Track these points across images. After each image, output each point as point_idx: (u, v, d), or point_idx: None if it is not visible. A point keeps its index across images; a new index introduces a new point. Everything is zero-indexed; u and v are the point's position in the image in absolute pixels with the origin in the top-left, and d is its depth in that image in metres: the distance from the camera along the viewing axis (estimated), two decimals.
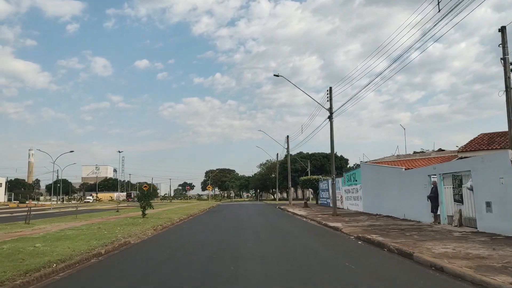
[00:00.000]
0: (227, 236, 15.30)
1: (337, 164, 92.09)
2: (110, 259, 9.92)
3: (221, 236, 15.40)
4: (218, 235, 15.61)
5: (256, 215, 29.19)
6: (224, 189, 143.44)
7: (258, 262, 9.01)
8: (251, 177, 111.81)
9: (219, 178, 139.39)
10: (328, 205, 35.42)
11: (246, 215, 29.14)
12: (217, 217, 28.28)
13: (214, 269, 8.36)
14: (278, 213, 31.83)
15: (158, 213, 30.23)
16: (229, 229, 18.39)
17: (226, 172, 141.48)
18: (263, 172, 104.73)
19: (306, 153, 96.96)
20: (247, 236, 14.86)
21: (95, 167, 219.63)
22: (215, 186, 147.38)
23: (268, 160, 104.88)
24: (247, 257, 9.85)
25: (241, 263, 8.84)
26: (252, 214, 30.35)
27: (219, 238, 14.46)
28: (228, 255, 10.18)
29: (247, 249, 11.38)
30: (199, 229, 19.02)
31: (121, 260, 9.93)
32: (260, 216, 28.28)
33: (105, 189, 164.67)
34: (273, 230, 17.79)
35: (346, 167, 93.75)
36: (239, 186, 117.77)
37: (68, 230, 16.24)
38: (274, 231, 17.33)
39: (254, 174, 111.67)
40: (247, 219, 24.82)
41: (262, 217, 27.75)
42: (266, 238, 14.46)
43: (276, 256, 9.96)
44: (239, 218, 26.08)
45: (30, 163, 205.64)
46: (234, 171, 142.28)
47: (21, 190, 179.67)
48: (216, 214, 30.66)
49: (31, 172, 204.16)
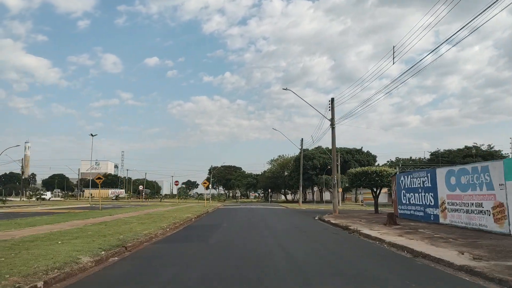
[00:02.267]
0: None
1: (364, 161, 79.07)
2: None
3: None
4: None
5: (305, 251, 10.83)
6: (229, 188, 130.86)
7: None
8: (260, 175, 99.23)
9: (224, 175, 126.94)
10: (429, 219, 18.91)
11: (276, 247, 11.44)
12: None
13: None
14: (351, 242, 13.08)
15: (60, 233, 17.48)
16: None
17: (232, 170, 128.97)
18: (274, 169, 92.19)
19: (326, 148, 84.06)
20: None
21: (94, 162, 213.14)
22: (220, 184, 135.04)
23: (281, 156, 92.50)
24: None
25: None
26: (290, 243, 12.54)
27: None
28: None
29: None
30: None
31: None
32: (321, 258, 9.73)
33: (104, 185, 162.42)
34: None
35: (374, 165, 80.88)
36: (246, 185, 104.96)
37: None
38: None
39: (263, 171, 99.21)
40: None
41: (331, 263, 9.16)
42: None
43: None
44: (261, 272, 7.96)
45: (26, 156, 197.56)
46: (240, 168, 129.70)
47: (16, 184, 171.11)
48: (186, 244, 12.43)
49: (27, 165, 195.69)
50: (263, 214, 27.00)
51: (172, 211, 26.58)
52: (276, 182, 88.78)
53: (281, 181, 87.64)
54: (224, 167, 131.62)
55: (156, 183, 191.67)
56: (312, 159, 78.84)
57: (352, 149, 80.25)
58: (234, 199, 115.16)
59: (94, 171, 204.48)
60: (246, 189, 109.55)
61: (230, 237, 14.08)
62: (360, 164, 77.18)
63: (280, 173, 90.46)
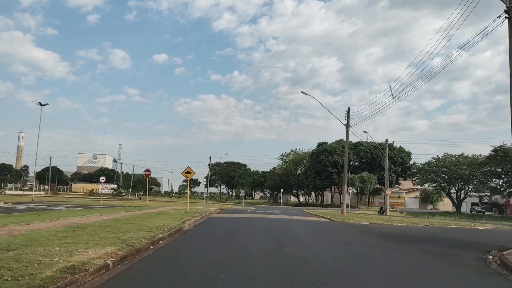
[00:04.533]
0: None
1: (397, 158, 65.72)
2: None
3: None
4: None
5: None
6: (232, 187, 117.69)
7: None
8: (269, 172, 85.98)
9: (227, 172, 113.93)
10: None
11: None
12: None
13: None
14: None
15: None
16: None
17: (236, 166, 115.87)
18: (285, 166, 79.10)
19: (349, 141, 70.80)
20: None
21: (92, 156, 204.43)
22: (222, 182, 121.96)
23: (294, 150, 79.30)
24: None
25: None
26: None
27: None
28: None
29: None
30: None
31: None
32: None
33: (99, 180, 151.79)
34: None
35: (409, 163, 67.56)
36: (251, 183, 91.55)
37: None
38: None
39: (273, 168, 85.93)
40: None
41: None
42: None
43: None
44: None
45: (19, 147, 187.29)
46: (245, 165, 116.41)
47: (7, 176, 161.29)
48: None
49: (20, 157, 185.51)
50: (321, 247, 11.17)
51: (155, 216, 15.04)
52: (288, 181, 75.75)
53: (294, 180, 74.54)
54: (227, 164, 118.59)
55: (155, 179, 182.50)
56: (333, 155, 65.73)
57: (382, 144, 66.82)
58: (238, 199, 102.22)
59: (91, 165, 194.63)
60: (251, 188, 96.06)
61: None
62: (392, 162, 63.81)
63: (292, 170, 77.35)
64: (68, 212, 18.71)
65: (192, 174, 22.02)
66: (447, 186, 53.37)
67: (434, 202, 74.69)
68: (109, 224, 12.12)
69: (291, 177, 75.61)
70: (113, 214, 17.10)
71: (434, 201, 74.35)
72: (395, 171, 63.37)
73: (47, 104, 47.30)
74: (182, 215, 18.79)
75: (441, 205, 76.88)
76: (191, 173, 21.89)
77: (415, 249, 11.14)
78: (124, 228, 11.08)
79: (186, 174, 21.82)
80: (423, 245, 12.21)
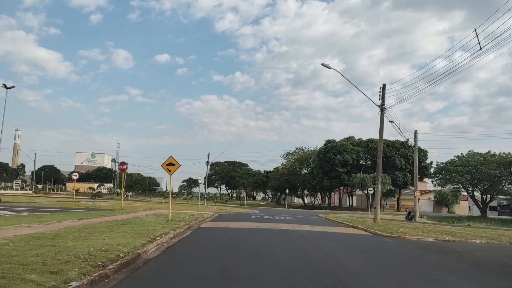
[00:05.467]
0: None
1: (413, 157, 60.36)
2: None
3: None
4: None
5: None
6: (233, 187, 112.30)
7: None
8: (272, 171, 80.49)
9: (227, 172, 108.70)
10: None
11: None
12: None
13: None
14: None
15: None
16: None
17: (237, 166, 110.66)
18: (290, 165, 73.82)
19: (359, 139, 65.54)
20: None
21: (90, 155, 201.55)
22: (222, 182, 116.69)
23: (299, 149, 73.98)
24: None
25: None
26: None
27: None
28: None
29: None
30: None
31: None
32: None
33: (98, 179, 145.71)
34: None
35: (425, 162, 62.13)
36: (253, 184, 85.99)
37: None
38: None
39: (276, 167, 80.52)
40: None
41: None
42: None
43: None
44: None
45: (16, 146, 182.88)
46: (246, 165, 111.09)
47: (3, 175, 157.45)
48: None
49: (17, 155, 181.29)
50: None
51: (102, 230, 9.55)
52: (292, 182, 70.47)
53: (299, 180, 69.27)
54: (228, 163, 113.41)
55: (155, 179, 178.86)
56: (342, 153, 60.42)
57: (395, 142, 61.70)
58: (239, 200, 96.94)
59: (90, 164, 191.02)
60: (253, 188, 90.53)
61: None
62: (407, 161, 58.49)
63: (297, 170, 72.09)
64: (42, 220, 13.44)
65: (177, 166, 16.53)
66: (470, 187, 47.91)
67: (450, 205, 69.22)
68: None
69: (296, 177, 70.29)
70: (50, 225, 11.80)
71: (449, 204, 68.88)
72: (410, 171, 58.02)
73: (13, 87, 42.41)
74: (159, 225, 13.50)
75: (457, 208, 71.44)
76: (175, 166, 16.39)
77: None
78: (13, 263, 5.85)
79: (168, 167, 16.33)
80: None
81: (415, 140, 36.91)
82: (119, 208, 27.29)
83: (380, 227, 18.59)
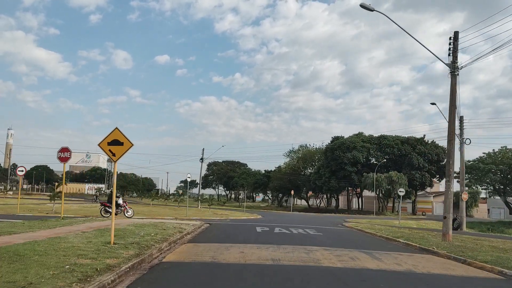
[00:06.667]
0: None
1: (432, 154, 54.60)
2: None
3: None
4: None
5: None
6: (231, 188, 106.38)
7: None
8: (274, 171, 74.58)
9: (225, 172, 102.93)
10: None
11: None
12: None
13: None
14: None
15: None
16: None
17: (236, 166, 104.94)
18: (293, 164, 68.07)
19: (369, 135, 59.75)
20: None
21: (85, 155, 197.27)
22: (220, 183, 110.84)
23: (303, 146, 68.14)
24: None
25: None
26: None
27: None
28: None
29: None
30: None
31: None
32: None
33: (92, 180, 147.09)
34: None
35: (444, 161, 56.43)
36: (253, 184, 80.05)
37: None
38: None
39: (278, 167, 74.63)
40: None
41: None
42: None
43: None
44: None
45: (8, 145, 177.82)
46: (246, 165, 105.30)
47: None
48: None
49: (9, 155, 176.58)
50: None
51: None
52: (295, 182, 64.66)
53: (304, 180, 63.51)
54: (226, 163, 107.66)
55: (151, 180, 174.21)
56: (351, 150, 54.64)
57: (410, 138, 55.99)
58: (237, 201, 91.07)
59: (85, 164, 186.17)
60: (253, 189, 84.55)
61: None
62: (425, 160, 52.72)
63: (301, 169, 66.34)
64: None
65: (126, 147, 9.42)
66: (502, 188, 42.17)
67: (468, 208, 63.47)
68: None
69: (300, 176, 64.51)
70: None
71: (468, 207, 63.13)
72: (428, 170, 52.26)
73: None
74: (73, 263, 7.05)
75: (475, 211, 65.70)
76: (124, 146, 9.51)
77: None
78: None
79: (111, 149, 9.53)
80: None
81: (461, 128, 30.63)
82: (74, 214, 21.60)
83: (479, 253, 11.70)
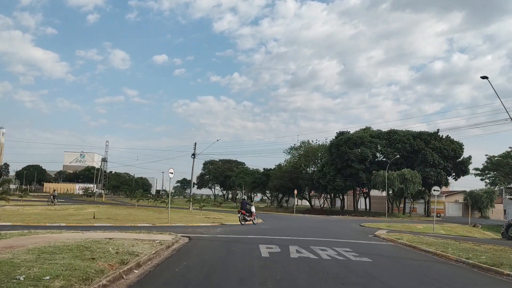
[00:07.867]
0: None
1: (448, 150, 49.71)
2: None
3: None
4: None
5: None
6: (228, 188, 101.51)
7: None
8: (274, 169, 69.72)
9: (222, 172, 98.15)
10: None
11: None
12: None
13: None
14: None
15: None
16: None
17: (233, 165, 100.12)
18: (294, 161, 63.31)
19: (377, 130, 54.95)
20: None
21: (79, 154, 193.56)
22: (216, 182, 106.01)
23: (305, 142, 63.28)
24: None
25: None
26: None
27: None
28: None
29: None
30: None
31: None
32: None
33: (86, 180, 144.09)
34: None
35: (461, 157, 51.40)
36: (251, 184, 75.29)
37: None
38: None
39: (278, 164, 69.77)
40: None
41: None
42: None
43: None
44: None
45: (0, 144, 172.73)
46: (243, 163, 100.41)
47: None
48: None
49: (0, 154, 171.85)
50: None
51: None
52: (296, 182, 59.82)
53: (306, 179, 58.72)
54: (222, 161, 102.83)
55: (146, 180, 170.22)
56: (359, 146, 49.85)
57: (423, 133, 51.28)
58: (234, 202, 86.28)
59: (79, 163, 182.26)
60: (251, 189, 79.77)
61: None
62: (441, 156, 47.94)
63: (303, 167, 61.56)
64: None
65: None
66: None
67: (483, 208, 58.91)
68: None
69: (302, 175, 59.72)
70: None
71: (483, 207, 58.57)
72: (444, 167, 47.50)
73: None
74: None
75: (491, 212, 61.14)
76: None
77: None
78: None
79: None
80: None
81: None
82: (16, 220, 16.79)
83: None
